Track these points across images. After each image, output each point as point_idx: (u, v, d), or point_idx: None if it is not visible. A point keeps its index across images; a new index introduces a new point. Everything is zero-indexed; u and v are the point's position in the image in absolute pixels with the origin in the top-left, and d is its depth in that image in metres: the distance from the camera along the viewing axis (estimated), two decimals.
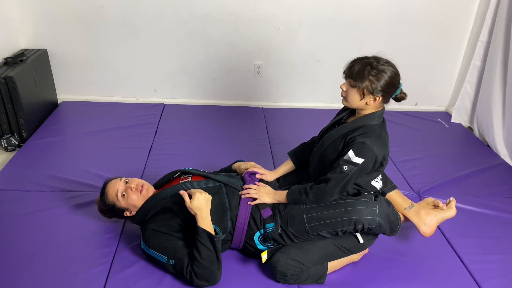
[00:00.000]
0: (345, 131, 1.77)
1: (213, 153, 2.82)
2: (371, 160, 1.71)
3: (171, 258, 1.74)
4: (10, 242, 1.96)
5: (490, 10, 3.16)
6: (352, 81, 1.69)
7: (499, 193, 2.57)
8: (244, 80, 3.59)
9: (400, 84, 1.74)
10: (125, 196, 1.86)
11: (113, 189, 1.88)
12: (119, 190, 1.86)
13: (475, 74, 3.38)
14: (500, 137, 3.11)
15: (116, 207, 1.88)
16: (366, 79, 1.66)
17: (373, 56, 1.72)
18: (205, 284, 1.72)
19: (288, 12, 3.33)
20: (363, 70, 1.66)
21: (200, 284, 1.71)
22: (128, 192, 1.86)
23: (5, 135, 2.82)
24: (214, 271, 1.70)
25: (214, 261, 1.70)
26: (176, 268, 1.74)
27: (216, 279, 1.73)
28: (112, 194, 1.87)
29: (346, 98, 1.75)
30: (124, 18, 3.29)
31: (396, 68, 1.72)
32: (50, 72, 3.39)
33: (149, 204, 1.85)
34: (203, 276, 1.69)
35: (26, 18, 3.24)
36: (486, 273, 1.94)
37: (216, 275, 1.72)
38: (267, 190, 1.88)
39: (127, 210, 1.89)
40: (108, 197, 1.88)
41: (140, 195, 1.87)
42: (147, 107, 3.44)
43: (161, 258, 1.76)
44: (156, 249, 1.77)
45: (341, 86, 1.75)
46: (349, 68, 1.71)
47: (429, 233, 1.92)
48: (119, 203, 1.87)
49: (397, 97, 1.77)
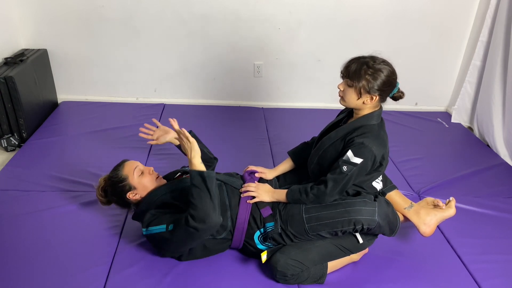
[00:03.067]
0: (345, 132, 1.78)
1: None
2: (370, 160, 1.72)
3: (170, 224, 1.73)
4: (10, 242, 1.96)
5: (490, 10, 3.16)
6: (349, 81, 1.70)
7: (499, 193, 2.57)
8: (244, 80, 3.59)
9: (397, 83, 1.74)
10: (142, 175, 1.88)
11: (132, 164, 1.91)
12: (139, 167, 1.90)
13: (475, 74, 3.38)
14: (500, 137, 3.11)
15: (125, 182, 1.87)
16: (363, 79, 1.67)
17: (369, 56, 1.73)
18: (203, 226, 1.64)
19: (288, 12, 3.33)
20: (360, 70, 1.67)
21: (198, 226, 1.63)
22: (145, 172, 1.90)
23: (5, 135, 2.82)
24: (207, 210, 1.63)
25: (207, 201, 1.64)
26: (175, 228, 1.70)
27: (211, 218, 1.64)
28: (130, 167, 1.89)
29: (344, 98, 1.76)
30: (124, 18, 3.30)
31: (393, 67, 1.72)
32: (50, 72, 3.39)
33: (153, 194, 1.86)
34: (198, 217, 1.63)
35: (26, 18, 3.24)
36: (486, 273, 1.95)
37: (210, 214, 1.64)
38: (266, 188, 1.89)
39: (134, 190, 1.88)
40: (124, 170, 1.89)
41: (154, 181, 1.90)
42: (147, 107, 3.44)
43: (161, 229, 1.74)
44: (155, 223, 1.77)
45: (338, 86, 1.76)
46: (346, 68, 1.73)
47: (429, 232, 1.92)
48: (132, 179, 1.87)
49: (395, 96, 1.78)
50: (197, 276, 1.83)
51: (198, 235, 1.68)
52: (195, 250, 1.84)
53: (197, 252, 1.86)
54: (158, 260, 1.90)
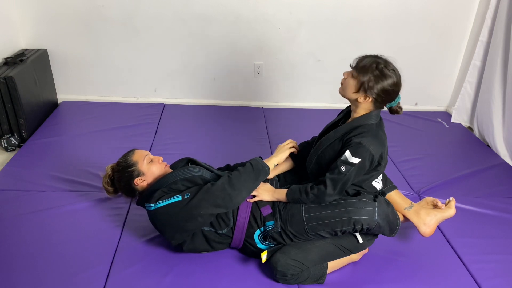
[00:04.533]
0: (343, 132, 1.79)
1: (213, 153, 2.82)
2: (368, 160, 1.72)
3: (186, 193, 1.77)
4: (10, 242, 1.96)
5: (490, 10, 3.16)
6: (355, 72, 1.72)
7: (499, 193, 2.57)
8: (244, 80, 3.59)
9: (398, 97, 1.75)
10: (150, 163, 1.91)
11: (143, 152, 1.96)
12: (149, 155, 1.93)
13: (475, 74, 3.38)
14: (500, 137, 3.11)
15: (133, 167, 1.89)
16: (367, 76, 1.68)
17: (385, 59, 1.73)
18: (232, 193, 1.75)
19: (288, 12, 3.34)
20: (369, 66, 1.68)
21: (230, 192, 1.75)
22: (154, 161, 1.93)
23: (5, 135, 2.82)
24: (244, 188, 1.78)
25: (250, 183, 1.79)
26: (194, 194, 1.75)
27: (241, 195, 1.78)
28: (140, 154, 1.92)
29: (343, 86, 1.78)
30: (124, 18, 3.29)
31: (400, 79, 1.72)
32: (50, 72, 3.39)
33: (158, 184, 1.86)
34: (236, 186, 1.77)
35: (26, 18, 3.24)
36: (486, 273, 1.94)
37: (243, 193, 1.78)
38: (267, 187, 1.89)
39: (142, 176, 1.89)
40: (134, 156, 1.91)
41: (163, 169, 1.92)
42: (147, 107, 3.44)
43: (176, 198, 1.76)
44: (166, 197, 1.78)
45: (343, 73, 1.77)
46: (359, 60, 1.74)
47: (428, 233, 1.92)
48: (142, 164, 1.89)
49: (392, 109, 1.79)
50: (197, 276, 1.83)
51: (218, 201, 1.74)
52: (196, 239, 1.83)
53: (198, 241, 1.84)
54: (158, 260, 1.90)
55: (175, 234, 1.82)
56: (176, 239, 1.83)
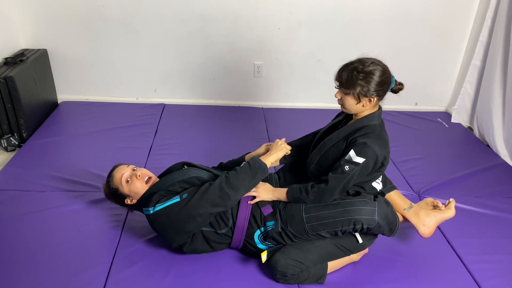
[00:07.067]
0: (347, 133, 1.79)
1: (213, 153, 2.82)
2: (372, 160, 1.72)
3: (184, 194, 1.77)
4: (10, 242, 1.96)
5: (490, 10, 3.16)
6: (344, 89, 1.72)
7: (499, 193, 2.57)
8: (244, 80, 3.59)
9: (392, 77, 1.74)
10: (129, 183, 1.87)
11: (119, 173, 1.90)
12: (124, 176, 1.88)
13: (475, 74, 3.38)
14: (500, 137, 3.11)
15: (119, 192, 1.89)
16: (357, 85, 1.68)
17: (357, 60, 1.73)
18: (230, 192, 1.75)
19: (288, 12, 3.33)
20: (351, 77, 1.68)
21: (228, 191, 1.74)
22: (133, 179, 1.88)
23: (5, 135, 2.82)
24: (241, 187, 1.77)
25: (247, 182, 1.77)
26: (192, 194, 1.75)
27: (238, 194, 1.78)
28: (117, 178, 1.89)
29: (344, 106, 1.78)
30: (124, 18, 3.29)
31: (384, 65, 1.72)
32: (50, 72, 3.39)
33: (156, 187, 1.85)
34: (233, 184, 1.75)
35: (26, 18, 3.24)
36: (486, 273, 1.95)
37: (240, 192, 1.77)
38: (266, 187, 1.89)
39: (128, 198, 1.89)
40: (113, 181, 1.89)
41: (144, 184, 1.88)
42: (147, 107, 3.44)
43: (175, 200, 1.76)
44: (165, 200, 1.78)
45: (335, 95, 1.77)
46: (338, 77, 1.74)
47: (428, 233, 1.93)
48: (122, 188, 1.88)
49: (394, 90, 1.78)
50: (197, 276, 1.83)
51: (216, 201, 1.74)
52: (196, 239, 1.83)
53: (198, 242, 1.84)
54: (158, 260, 1.90)
55: (176, 236, 1.81)
56: (176, 241, 1.83)
